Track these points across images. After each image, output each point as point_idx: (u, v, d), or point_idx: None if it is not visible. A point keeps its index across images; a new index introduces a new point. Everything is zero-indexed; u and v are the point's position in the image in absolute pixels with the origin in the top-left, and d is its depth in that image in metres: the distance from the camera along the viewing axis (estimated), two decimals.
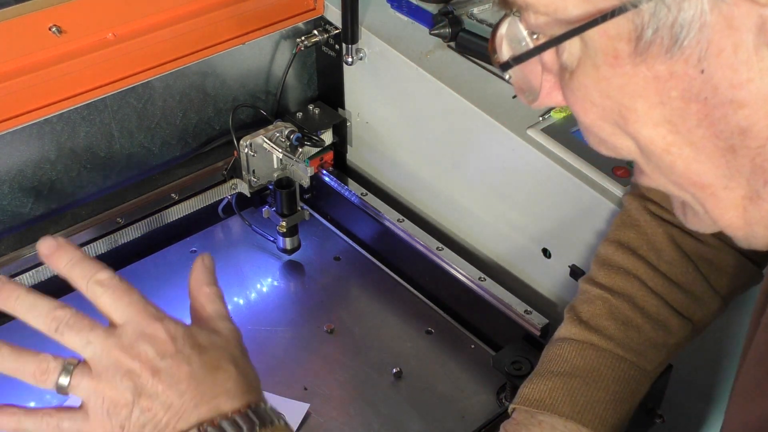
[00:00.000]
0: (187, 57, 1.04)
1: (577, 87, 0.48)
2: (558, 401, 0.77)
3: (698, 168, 0.47)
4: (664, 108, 0.45)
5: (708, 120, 0.45)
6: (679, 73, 0.44)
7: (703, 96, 0.44)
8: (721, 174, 0.47)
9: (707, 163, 0.47)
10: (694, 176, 0.48)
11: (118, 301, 0.62)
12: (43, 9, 0.91)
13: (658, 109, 0.46)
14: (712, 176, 0.47)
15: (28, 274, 1.01)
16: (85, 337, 0.62)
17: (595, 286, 0.82)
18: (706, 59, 0.43)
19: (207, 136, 1.18)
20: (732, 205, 0.49)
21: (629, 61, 0.45)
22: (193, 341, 0.62)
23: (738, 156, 0.46)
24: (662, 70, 0.44)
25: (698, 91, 0.44)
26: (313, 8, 1.14)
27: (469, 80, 1.05)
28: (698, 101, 0.44)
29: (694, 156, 0.47)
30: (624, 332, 0.79)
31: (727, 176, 0.47)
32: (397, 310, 1.06)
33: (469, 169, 1.07)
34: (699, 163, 0.47)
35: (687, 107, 0.45)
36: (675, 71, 0.44)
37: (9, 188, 1.01)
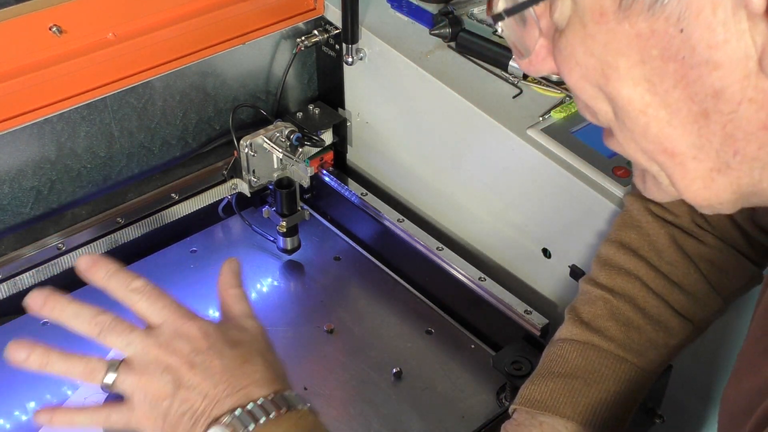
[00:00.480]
0: (187, 57, 1.04)
1: (564, 46, 0.50)
2: (559, 402, 0.77)
3: (671, 133, 0.49)
4: (644, 66, 0.47)
5: (684, 81, 0.46)
6: (660, 32, 0.45)
7: (681, 55, 0.46)
8: (692, 143, 0.49)
9: (680, 128, 0.48)
10: (666, 142, 0.49)
11: (153, 305, 0.68)
12: (43, 9, 0.91)
13: (639, 67, 0.47)
14: (683, 144, 0.49)
15: (28, 273, 1.01)
16: (126, 338, 0.67)
17: (596, 287, 0.82)
18: (685, 18, 0.44)
19: (207, 136, 1.18)
20: (699, 176, 0.50)
21: (613, 18, 0.46)
22: (224, 337, 0.68)
23: (710, 122, 0.47)
24: (644, 28, 0.46)
25: (677, 50, 0.45)
26: (313, 8, 1.14)
27: (469, 80, 1.05)
28: (676, 60, 0.46)
29: (668, 119, 0.48)
30: (625, 333, 0.79)
31: (697, 146, 0.49)
32: (397, 310, 1.06)
33: (469, 169, 1.07)
34: (672, 127, 0.48)
35: (665, 66, 0.46)
36: (656, 29, 0.46)
37: (9, 188, 1.01)
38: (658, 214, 0.83)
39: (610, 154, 0.95)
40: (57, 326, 1.00)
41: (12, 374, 0.95)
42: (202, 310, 1.04)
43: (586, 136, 0.97)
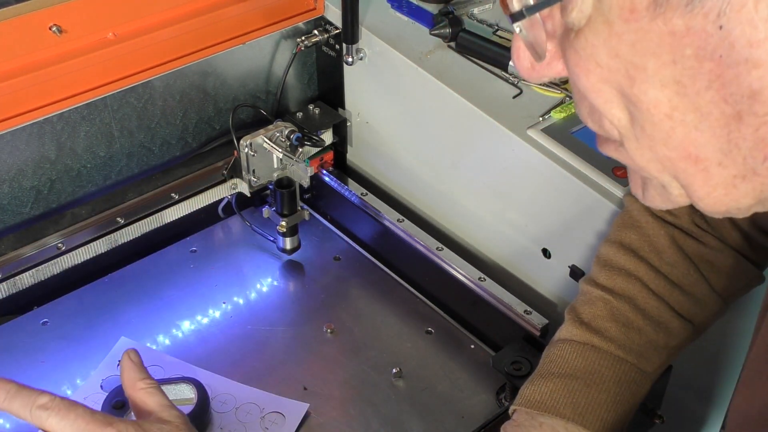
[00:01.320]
0: (188, 57, 1.04)
1: (582, 46, 0.46)
2: (559, 403, 0.77)
3: (697, 138, 0.46)
4: (675, 67, 0.44)
5: (720, 81, 0.43)
6: (697, 29, 0.42)
7: (718, 54, 0.43)
8: (719, 147, 0.46)
9: (708, 132, 0.45)
10: (691, 147, 0.46)
11: (64, 418, 0.64)
12: (43, 8, 0.91)
13: (669, 68, 0.44)
14: (709, 149, 0.46)
15: (28, 273, 1.01)
16: None
17: (596, 288, 0.82)
18: (726, 14, 0.42)
19: (207, 136, 1.18)
20: (722, 183, 0.47)
21: (646, 15, 0.43)
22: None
23: (742, 125, 0.45)
24: (679, 25, 0.43)
25: (713, 49, 0.43)
26: (313, 8, 1.14)
27: (469, 80, 1.05)
28: (712, 60, 0.43)
29: (696, 123, 0.45)
30: (625, 334, 0.79)
31: (725, 151, 0.46)
32: (397, 310, 1.06)
33: (469, 169, 1.07)
34: (699, 132, 0.46)
35: (700, 66, 0.43)
36: (692, 26, 0.42)
37: (9, 188, 1.01)
38: (658, 214, 0.83)
39: None
40: (57, 326, 1.01)
41: (12, 374, 0.95)
42: (202, 309, 1.05)
43: (586, 136, 0.97)
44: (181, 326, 1.02)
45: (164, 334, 1.01)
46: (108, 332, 1.00)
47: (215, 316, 1.05)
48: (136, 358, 0.72)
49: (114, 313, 1.03)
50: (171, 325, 1.02)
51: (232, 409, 0.92)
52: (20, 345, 0.98)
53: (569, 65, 0.48)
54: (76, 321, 1.02)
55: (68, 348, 0.99)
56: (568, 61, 0.48)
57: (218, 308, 1.05)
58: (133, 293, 1.06)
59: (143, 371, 0.71)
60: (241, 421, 0.91)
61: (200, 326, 1.03)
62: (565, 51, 0.48)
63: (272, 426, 0.90)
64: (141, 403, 0.70)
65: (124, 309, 1.04)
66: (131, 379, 0.71)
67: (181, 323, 1.03)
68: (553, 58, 0.50)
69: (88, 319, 1.02)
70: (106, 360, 0.97)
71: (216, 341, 1.01)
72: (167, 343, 1.00)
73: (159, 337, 1.01)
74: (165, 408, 0.69)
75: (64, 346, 0.99)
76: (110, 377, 0.94)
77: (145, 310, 1.04)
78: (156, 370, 0.96)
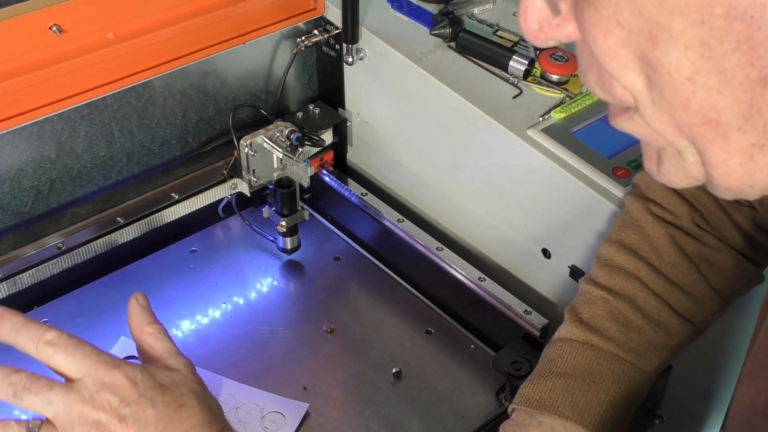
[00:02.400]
0: (188, 56, 1.04)
1: (604, 5, 0.44)
2: (558, 402, 0.77)
3: (718, 102, 0.44)
4: (703, 27, 0.42)
5: (748, 43, 0.42)
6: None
7: (749, 14, 0.41)
8: (740, 112, 0.44)
9: (730, 96, 0.44)
10: (711, 112, 0.45)
11: (71, 356, 0.63)
12: (43, 8, 0.91)
13: (697, 28, 0.42)
14: (729, 113, 0.44)
15: (28, 273, 1.01)
16: (45, 397, 0.62)
17: (596, 287, 0.82)
18: None
19: (207, 136, 1.18)
20: (739, 151, 0.46)
21: None
22: (154, 382, 0.63)
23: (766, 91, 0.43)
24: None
25: (746, 9, 0.41)
26: (313, 8, 1.14)
27: (469, 80, 1.06)
28: (743, 20, 0.41)
29: (718, 87, 0.44)
30: (624, 333, 0.79)
31: (746, 116, 0.44)
32: (397, 310, 1.06)
33: (469, 169, 1.07)
34: (721, 96, 0.44)
35: (729, 26, 0.42)
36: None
37: (9, 187, 1.01)
38: (658, 214, 0.83)
39: (610, 155, 0.95)
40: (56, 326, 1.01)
41: None
42: (202, 309, 1.05)
43: (586, 136, 0.97)
44: (181, 326, 1.02)
45: None
46: (108, 332, 1.00)
47: (215, 316, 1.05)
48: (144, 301, 0.70)
49: (114, 313, 1.03)
50: (171, 325, 1.02)
51: (232, 409, 0.92)
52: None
53: (586, 26, 0.46)
54: (76, 321, 1.02)
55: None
56: (585, 22, 0.46)
57: (218, 308, 1.05)
58: (133, 293, 1.06)
59: (151, 315, 0.69)
60: (241, 421, 0.91)
61: (200, 326, 1.03)
62: (583, 11, 0.46)
63: (272, 426, 0.90)
64: (148, 348, 0.68)
65: (124, 309, 1.03)
66: (139, 322, 0.68)
67: (181, 323, 1.03)
68: (564, 19, 0.48)
69: (88, 319, 1.02)
70: None
71: (216, 341, 1.01)
72: None
73: None
74: (172, 354, 0.67)
75: None
76: None
77: None
78: None
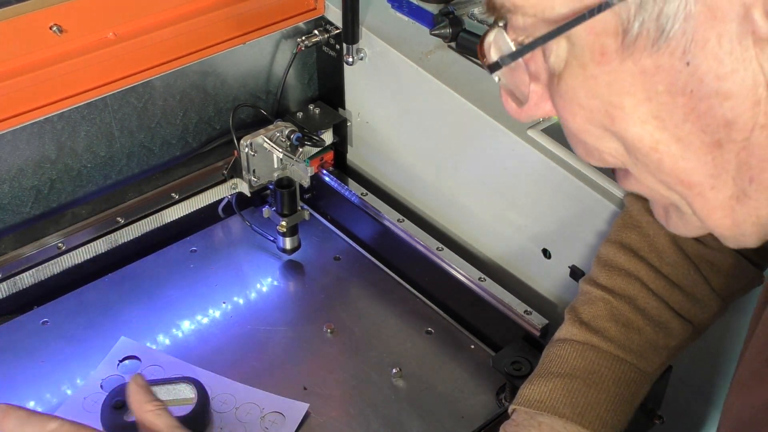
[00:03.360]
0: (188, 56, 1.04)
1: (564, 90, 0.48)
2: (558, 402, 0.77)
3: (685, 166, 0.47)
4: (650, 103, 0.46)
5: (694, 113, 0.45)
6: (665, 66, 0.44)
7: (689, 89, 0.44)
8: (708, 173, 0.47)
9: (694, 160, 0.47)
10: (682, 174, 0.48)
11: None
12: (43, 8, 0.91)
13: (645, 105, 0.46)
14: (699, 175, 0.48)
15: (28, 273, 1.01)
16: None
17: (596, 287, 0.82)
18: (691, 51, 0.43)
19: (207, 136, 1.18)
20: (719, 206, 0.49)
21: (616, 57, 0.45)
22: None
23: (724, 151, 0.46)
24: (649, 64, 0.44)
25: (684, 84, 0.44)
26: (313, 8, 1.14)
27: (469, 80, 1.05)
28: (684, 94, 0.45)
29: (681, 153, 0.47)
30: (625, 334, 0.79)
31: (714, 175, 0.47)
32: (397, 310, 1.06)
33: (469, 169, 1.07)
34: (686, 160, 0.47)
35: (673, 101, 0.45)
36: (661, 64, 0.44)
37: (9, 187, 1.01)
38: None
39: None
40: (56, 326, 1.01)
41: (12, 374, 0.95)
42: (202, 309, 1.05)
43: None
44: (181, 326, 1.02)
45: (164, 334, 1.01)
46: (108, 332, 1.00)
47: (215, 316, 1.05)
48: (141, 381, 0.73)
49: (114, 313, 1.03)
50: (171, 325, 1.02)
51: (232, 409, 0.92)
52: (20, 345, 0.98)
53: (557, 110, 0.50)
54: (76, 321, 1.02)
55: (68, 348, 0.99)
56: (555, 106, 0.50)
57: (218, 308, 1.05)
58: (133, 293, 1.06)
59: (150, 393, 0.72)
60: (241, 421, 0.91)
61: (200, 326, 1.03)
62: (552, 95, 0.50)
63: (272, 426, 0.90)
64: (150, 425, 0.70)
65: (124, 309, 1.04)
66: (139, 401, 0.71)
67: (181, 323, 1.03)
68: (540, 99, 0.51)
69: (88, 319, 1.02)
70: (106, 360, 0.97)
71: (216, 341, 1.01)
72: (167, 343, 1.00)
73: (159, 337, 1.01)
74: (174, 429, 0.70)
75: (64, 346, 0.99)
76: (110, 377, 0.95)
77: (145, 310, 1.04)
78: (156, 370, 0.96)
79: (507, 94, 0.53)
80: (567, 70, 0.47)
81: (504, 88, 0.52)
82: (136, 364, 0.97)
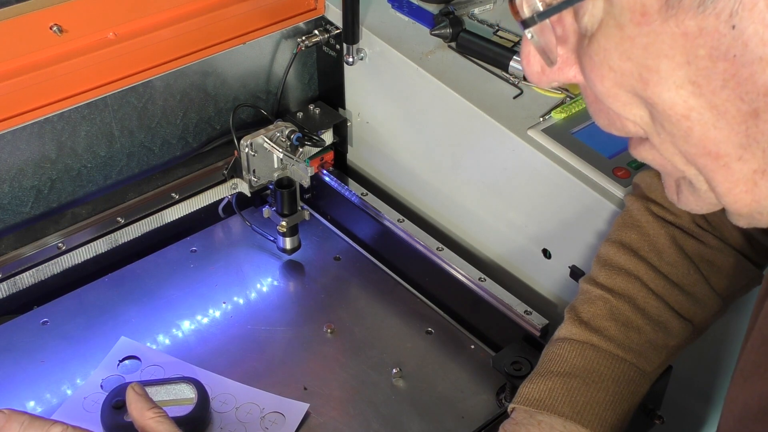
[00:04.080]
0: (188, 56, 1.04)
1: (595, 51, 0.47)
2: (557, 401, 0.77)
3: (716, 135, 0.46)
4: (689, 68, 0.44)
5: (735, 80, 0.44)
6: (710, 29, 0.43)
7: (732, 53, 0.43)
8: (738, 143, 0.46)
9: (726, 129, 0.46)
10: (710, 144, 0.47)
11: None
12: (43, 8, 0.91)
13: (683, 69, 0.45)
14: (728, 145, 0.47)
15: (28, 273, 1.01)
16: None
17: (596, 287, 0.82)
18: (738, 14, 0.42)
19: (207, 136, 1.18)
20: (743, 179, 0.48)
21: (657, 18, 0.44)
22: None
23: (760, 121, 0.45)
24: (692, 26, 0.43)
25: (727, 49, 0.43)
26: (313, 8, 1.14)
27: (469, 81, 1.06)
28: (726, 59, 0.43)
29: (713, 121, 0.46)
30: (624, 333, 0.79)
31: (744, 146, 0.46)
32: (397, 310, 1.06)
33: (469, 169, 1.07)
34: (717, 129, 0.46)
35: (714, 66, 0.44)
36: (705, 27, 0.43)
37: (9, 187, 1.01)
38: (658, 214, 0.83)
39: (610, 155, 0.95)
40: (56, 326, 1.01)
41: (12, 374, 0.95)
42: (202, 309, 1.05)
43: (587, 136, 0.97)
44: (181, 326, 1.02)
45: (164, 334, 1.01)
46: (108, 332, 1.00)
47: (215, 316, 1.05)
48: (140, 390, 0.75)
49: (114, 313, 1.03)
50: (171, 325, 1.02)
51: (232, 409, 0.92)
52: (20, 345, 0.98)
53: (585, 72, 0.48)
54: (76, 321, 1.02)
55: (68, 348, 0.99)
56: (583, 69, 0.48)
57: (218, 308, 1.05)
58: (133, 293, 1.06)
59: (150, 401, 0.74)
60: (241, 421, 0.91)
61: (200, 326, 1.03)
62: (580, 58, 0.48)
63: (272, 426, 0.90)
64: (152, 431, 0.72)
65: (124, 309, 1.04)
66: (139, 409, 0.73)
67: (181, 323, 1.03)
68: (565, 63, 0.50)
69: (88, 319, 1.02)
70: (106, 360, 0.97)
71: (216, 341, 1.01)
72: (167, 343, 1.00)
73: (159, 337, 1.01)
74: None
75: (64, 346, 0.99)
76: (110, 377, 0.95)
77: (145, 310, 1.04)
78: (156, 370, 0.96)
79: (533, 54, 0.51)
80: (601, 31, 0.46)
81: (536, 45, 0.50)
82: (136, 364, 0.97)
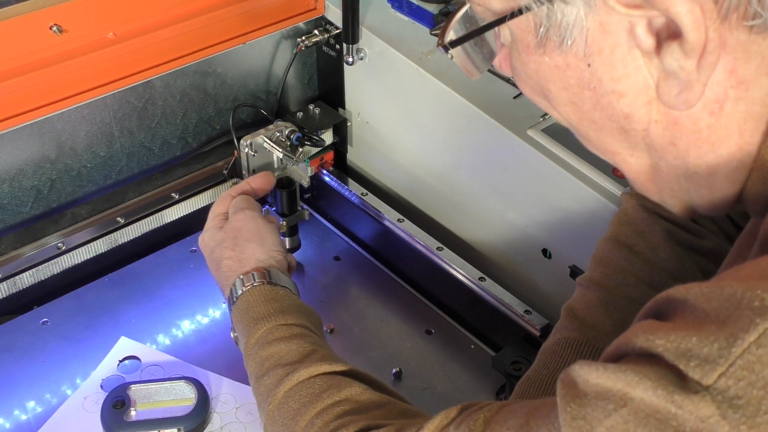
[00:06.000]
0: (188, 56, 1.04)
1: (513, 64, 0.57)
2: None
3: (604, 140, 0.56)
4: (567, 91, 0.54)
5: (599, 105, 0.53)
6: (573, 65, 0.52)
7: (592, 85, 0.52)
8: (625, 145, 0.55)
9: (609, 137, 0.55)
10: (605, 146, 0.56)
11: None
12: (43, 8, 0.92)
13: (564, 92, 0.54)
14: (618, 146, 0.56)
15: (28, 273, 1.01)
16: None
17: (592, 284, 0.82)
18: (590, 56, 0.51)
19: (207, 136, 1.18)
20: (642, 171, 0.57)
21: (535, 51, 0.53)
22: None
23: (630, 135, 0.54)
24: (560, 61, 0.52)
25: (588, 81, 0.52)
26: (313, 8, 1.14)
27: (469, 80, 1.04)
28: (589, 89, 0.53)
29: (596, 133, 0.56)
30: (620, 328, 0.79)
31: (630, 147, 0.55)
32: (397, 310, 1.06)
33: (469, 169, 1.07)
34: (601, 138, 0.56)
35: (582, 93, 0.53)
36: (569, 63, 0.52)
37: (9, 187, 1.01)
38: (653, 209, 0.83)
39: None
40: (56, 326, 1.01)
41: (12, 374, 0.95)
42: (202, 309, 1.05)
43: None
44: (181, 326, 1.02)
45: (164, 334, 1.01)
46: (108, 332, 1.00)
47: (215, 316, 1.05)
48: None
49: (114, 313, 1.03)
50: (171, 325, 1.02)
51: (232, 409, 0.92)
52: (20, 345, 0.98)
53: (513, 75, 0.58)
54: (76, 321, 1.02)
55: (68, 348, 0.99)
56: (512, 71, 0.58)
57: (218, 308, 1.05)
58: (133, 293, 1.06)
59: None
60: (241, 421, 0.91)
61: (200, 326, 1.03)
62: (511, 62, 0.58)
63: None
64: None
65: (124, 309, 1.04)
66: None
67: (181, 323, 1.03)
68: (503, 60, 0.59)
69: (88, 319, 1.02)
70: (106, 360, 0.97)
71: (216, 341, 1.01)
72: (167, 343, 1.00)
73: (159, 337, 1.01)
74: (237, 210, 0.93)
75: (64, 346, 0.99)
76: (110, 377, 0.95)
77: (145, 310, 1.04)
78: (156, 370, 0.96)
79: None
80: (512, 52, 0.56)
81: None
82: (136, 364, 0.97)
